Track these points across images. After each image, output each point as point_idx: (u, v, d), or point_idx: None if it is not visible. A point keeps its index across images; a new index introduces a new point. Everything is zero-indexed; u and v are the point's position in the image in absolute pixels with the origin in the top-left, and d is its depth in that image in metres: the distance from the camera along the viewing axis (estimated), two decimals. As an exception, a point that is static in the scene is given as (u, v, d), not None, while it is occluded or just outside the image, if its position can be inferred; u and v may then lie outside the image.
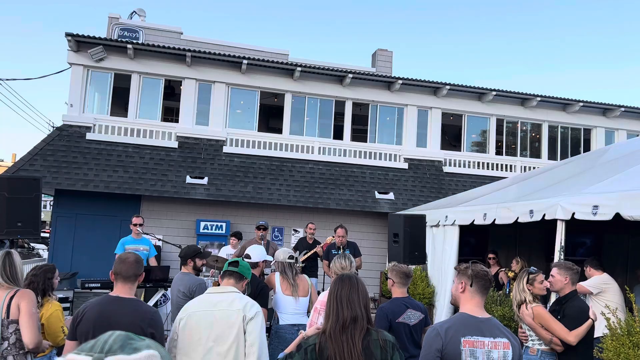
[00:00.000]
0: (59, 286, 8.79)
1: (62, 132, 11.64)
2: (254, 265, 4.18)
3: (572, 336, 4.12)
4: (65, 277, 9.51)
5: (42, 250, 19.98)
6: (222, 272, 3.25)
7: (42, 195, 6.39)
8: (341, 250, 7.85)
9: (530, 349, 4.26)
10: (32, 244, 23.35)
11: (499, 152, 14.62)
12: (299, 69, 12.68)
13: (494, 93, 13.81)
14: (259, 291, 3.99)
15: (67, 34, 11.44)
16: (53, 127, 11.97)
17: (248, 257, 4.14)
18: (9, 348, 3.03)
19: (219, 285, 3.28)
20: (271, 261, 5.10)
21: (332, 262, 4.37)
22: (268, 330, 4.23)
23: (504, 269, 8.92)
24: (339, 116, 13.59)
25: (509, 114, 14.49)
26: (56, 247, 11.18)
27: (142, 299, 7.99)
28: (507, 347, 2.66)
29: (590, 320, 4.17)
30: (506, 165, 14.22)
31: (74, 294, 6.53)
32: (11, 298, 3.12)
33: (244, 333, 2.91)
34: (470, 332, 2.62)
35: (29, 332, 3.09)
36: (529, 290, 4.46)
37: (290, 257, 4.16)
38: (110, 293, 3.12)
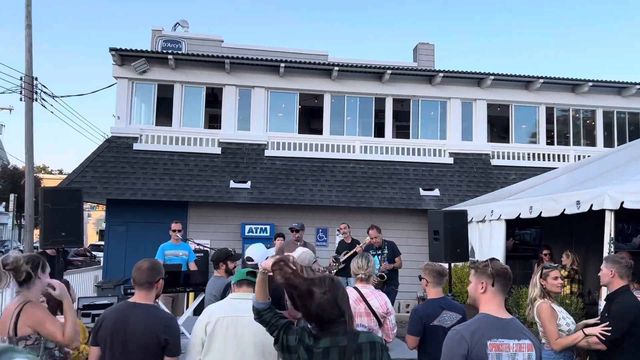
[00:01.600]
0: (105, 292, 9.10)
1: (110, 144, 12.09)
2: (256, 266, 4.12)
3: (557, 345, 3.85)
4: (119, 284, 9.85)
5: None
6: (237, 281, 3.20)
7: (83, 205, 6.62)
8: (379, 250, 7.71)
9: (546, 344, 4.01)
10: (94, 253, 24.48)
11: (550, 142, 13.99)
12: (336, 68, 12.62)
13: (542, 81, 13.22)
14: (279, 298, 3.93)
15: (112, 49, 11.88)
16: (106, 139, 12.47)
17: (250, 259, 4.07)
18: None
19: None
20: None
21: (353, 261, 4.27)
22: None
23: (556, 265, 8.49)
24: (380, 113, 13.42)
25: (559, 102, 13.83)
26: (110, 254, 11.62)
27: (185, 303, 8.16)
28: (530, 349, 2.51)
29: (579, 334, 3.87)
30: (558, 155, 13.57)
31: (118, 300, 6.72)
32: (18, 314, 2.99)
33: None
34: (495, 334, 2.47)
35: (55, 329, 3.00)
36: (541, 285, 4.18)
37: (248, 258, 4.07)
38: (129, 300, 3.16)
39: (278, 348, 2.44)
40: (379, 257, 7.68)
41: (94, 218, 59.36)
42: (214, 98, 13.47)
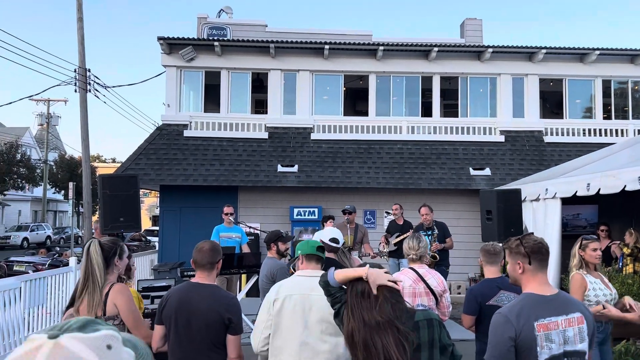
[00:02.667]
0: (162, 275, 9.42)
1: (162, 132, 12.42)
2: (338, 249, 4.15)
3: None
4: (174, 267, 10.19)
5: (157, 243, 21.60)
6: (306, 254, 3.14)
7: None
8: (430, 231, 7.63)
9: None
10: (148, 238, 25.36)
11: (607, 116, 13.36)
12: (381, 48, 12.44)
13: (598, 52, 12.59)
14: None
15: (159, 38, 12.14)
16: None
17: (336, 241, 4.08)
18: None
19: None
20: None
21: (405, 242, 4.24)
22: None
23: (617, 242, 8.18)
24: (427, 92, 13.16)
25: (617, 74, 13.16)
26: (164, 239, 12.01)
27: (238, 285, 8.36)
28: (581, 322, 2.42)
29: (598, 307, 3.80)
30: (616, 130, 12.95)
31: (175, 282, 6.95)
32: (107, 294, 3.14)
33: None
34: (542, 314, 2.38)
35: (136, 330, 3.16)
36: (580, 255, 4.19)
37: (334, 239, 4.06)
38: (191, 280, 3.26)
39: (339, 321, 2.44)
40: (429, 237, 7.62)
41: (146, 204, 61.50)
42: (259, 83, 13.57)
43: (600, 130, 12.97)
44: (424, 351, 2.33)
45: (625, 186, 6.07)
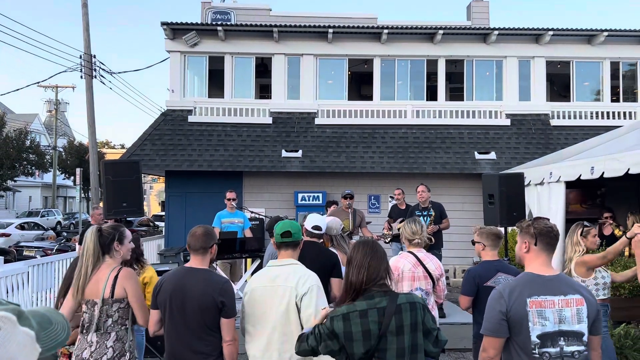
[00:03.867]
0: (167, 260, 9.51)
1: (166, 117, 12.44)
2: (321, 235, 4.17)
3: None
4: (179, 252, 10.30)
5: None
6: (277, 243, 3.24)
7: (143, 177, 6.87)
8: (426, 212, 7.62)
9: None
10: (157, 223, 25.58)
11: (615, 99, 13.20)
12: (385, 31, 12.32)
13: (606, 34, 12.39)
14: (333, 263, 3.97)
15: (163, 23, 12.11)
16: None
17: (319, 228, 4.13)
18: (112, 325, 3.24)
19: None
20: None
21: (402, 226, 4.25)
22: None
23: (619, 227, 8.13)
24: (432, 76, 13.06)
25: (625, 56, 12.96)
26: (170, 224, 12.11)
27: (243, 269, 8.42)
28: (580, 304, 2.47)
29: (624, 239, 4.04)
30: (625, 113, 12.79)
31: (178, 266, 7.03)
32: (115, 277, 3.25)
33: (298, 311, 2.94)
34: (536, 291, 2.46)
35: (141, 314, 3.28)
36: (582, 243, 4.37)
37: (316, 227, 4.11)
38: (185, 264, 3.30)
39: (323, 349, 2.47)
40: (427, 219, 7.60)
41: (155, 190, 61.89)
42: (263, 68, 13.53)
43: (608, 113, 12.82)
44: (406, 334, 2.35)
45: (629, 169, 6.02)
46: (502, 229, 5.03)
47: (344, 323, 2.37)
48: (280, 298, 2.98)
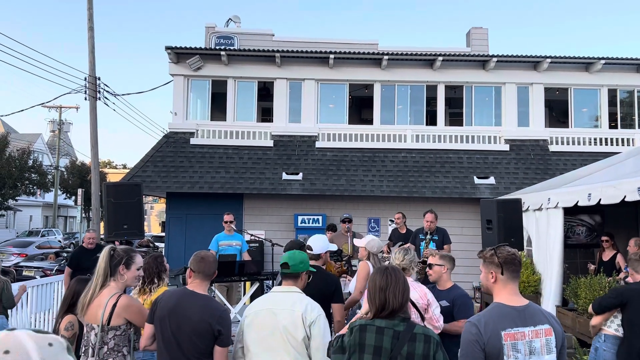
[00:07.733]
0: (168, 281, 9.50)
1: (169, 139, 12.57)
2: (317, 257, 4.17)
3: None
4: (179, 273, 10.28)
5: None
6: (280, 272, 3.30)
7: (145, 198, 6.94)
8: (429, 236, 7.64)
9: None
10: (156, 244, 25.54)
11: (613, 125, 13.32)
12: (386, 57, 12.53)
13: (603, 62, 12.58)
14: (334, 289, 3.96)
15: (167, 47, 12.32)
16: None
17: (310, 248, 4.17)
18: (108, 352, 3.20)
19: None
20: (337, 250, 5.13)
21: (392, 252, 4.29)
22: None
23: (621, 253, 8.13)
24: (432, 101, 13.22)
25: (623, 83, 13.13)
26: (170, 245, 12.13)
27: (242, 292, 8.42)
28: (549, 334, 2.47)
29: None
30: (622, 140, 12.91)
31: (178, 287, 7.04)
32: (113, 305, 3.20)
33: (308, 338, 2.96)
34: (509, 324, 2.45)
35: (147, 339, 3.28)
36: None
37: (308, 247, 4.18)
38: (187, 286, 3.27)
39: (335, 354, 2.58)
40: (424, 242, 7.59)
41: (156, 210, 61.84)
42: (265, 92, 13.71)
43: (606, 139, 12.94)
44: None
45: (625, 196, 6.08)
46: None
47: (360, 334, 2.47)
48: (284, 322, 2.98)
